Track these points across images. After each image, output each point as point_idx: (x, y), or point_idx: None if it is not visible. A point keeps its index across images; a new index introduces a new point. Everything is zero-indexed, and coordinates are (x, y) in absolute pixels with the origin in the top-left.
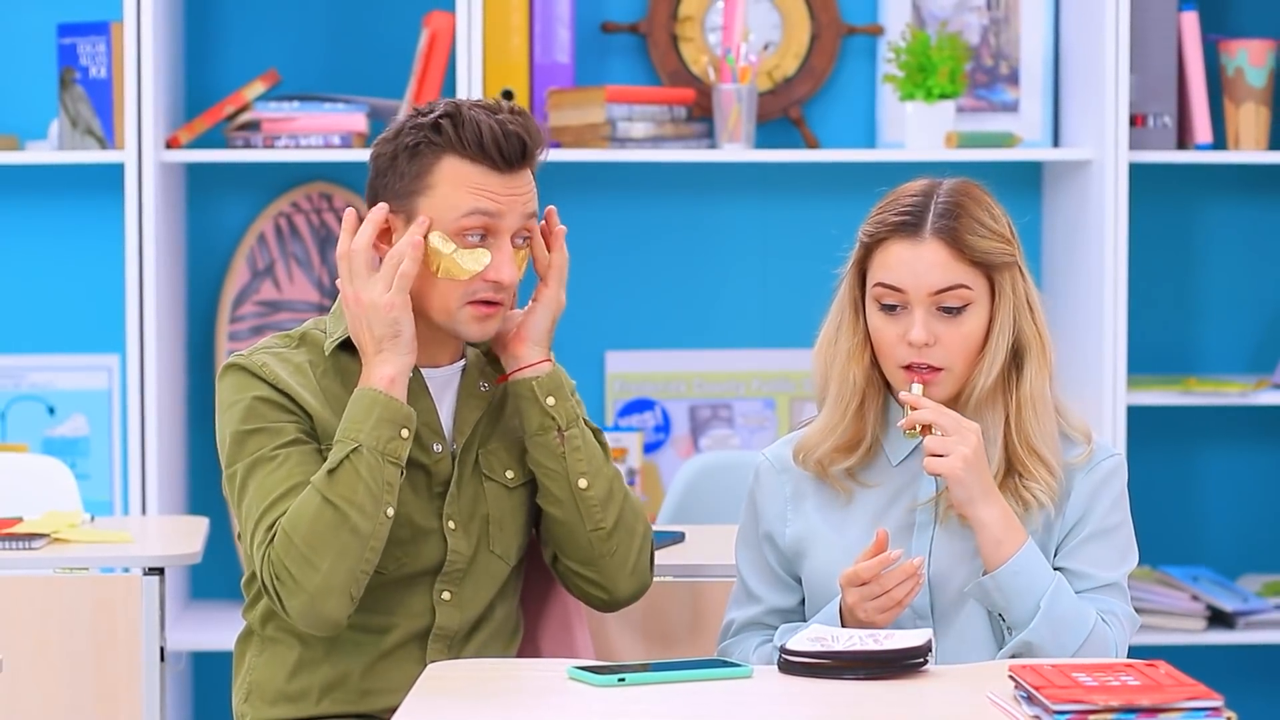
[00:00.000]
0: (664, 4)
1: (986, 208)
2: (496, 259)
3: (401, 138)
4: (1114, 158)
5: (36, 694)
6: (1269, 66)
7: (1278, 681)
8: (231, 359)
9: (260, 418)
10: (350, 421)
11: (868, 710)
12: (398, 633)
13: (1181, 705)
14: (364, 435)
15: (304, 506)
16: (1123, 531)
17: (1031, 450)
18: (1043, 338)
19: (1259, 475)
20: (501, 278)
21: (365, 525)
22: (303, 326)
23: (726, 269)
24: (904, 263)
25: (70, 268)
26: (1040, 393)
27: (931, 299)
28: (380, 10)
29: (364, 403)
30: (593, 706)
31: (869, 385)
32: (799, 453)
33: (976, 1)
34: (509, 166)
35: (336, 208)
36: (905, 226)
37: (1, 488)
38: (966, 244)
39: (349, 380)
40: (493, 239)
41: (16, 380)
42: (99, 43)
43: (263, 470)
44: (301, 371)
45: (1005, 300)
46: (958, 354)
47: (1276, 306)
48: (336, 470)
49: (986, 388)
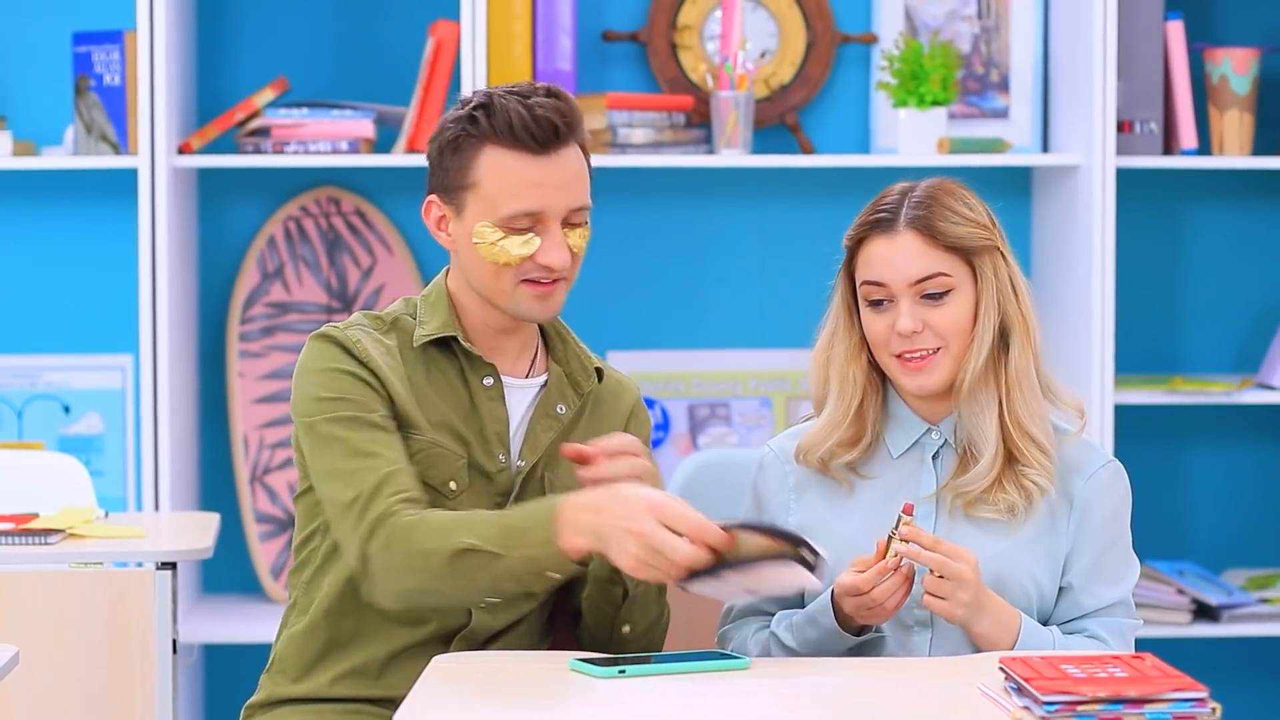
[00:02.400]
0: (663, 13)
1: (961, 198)
2: (545, 244)
3: (447, 133)
4: (1101, 163)
5: (52, 685)
6: (1252, 74)
7: (1261, 673)
8: (324, 329)
9: (345, 389)
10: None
11: (860, 701)
12: (431, 628)
13: (1167, 696)
14: (515, 555)
15: (422, 535)
16: (1121, 543)
17: (1024, 432)
18: (1026, 319)
19: (1243, 472)
20: (550, 262)
21: (456, 597)
22: (392, 309)
23: (724, 271)
24: (883, 258)
25: (85, 270)
26: (1025, 372)
27: (913, 288)
28: (387, 19)
29: (545, 532)
30: (593, 697)
31: (869, 383)
32: (800, 452)
33: (968, 10)
34: (545, 149)
35: (344, 211)
36: (881, 224)
37: (18, 484)
38: (940, 231)
39: (435, 375)
40: (541, 225)
41: (33, 380)
42: (113, 51)
43: (353, 436)
44: (392, 355)
45: (988, 284)
46: (948, 335)
47: (1260, 307)
48: (471, 554)
49: (977, 371)
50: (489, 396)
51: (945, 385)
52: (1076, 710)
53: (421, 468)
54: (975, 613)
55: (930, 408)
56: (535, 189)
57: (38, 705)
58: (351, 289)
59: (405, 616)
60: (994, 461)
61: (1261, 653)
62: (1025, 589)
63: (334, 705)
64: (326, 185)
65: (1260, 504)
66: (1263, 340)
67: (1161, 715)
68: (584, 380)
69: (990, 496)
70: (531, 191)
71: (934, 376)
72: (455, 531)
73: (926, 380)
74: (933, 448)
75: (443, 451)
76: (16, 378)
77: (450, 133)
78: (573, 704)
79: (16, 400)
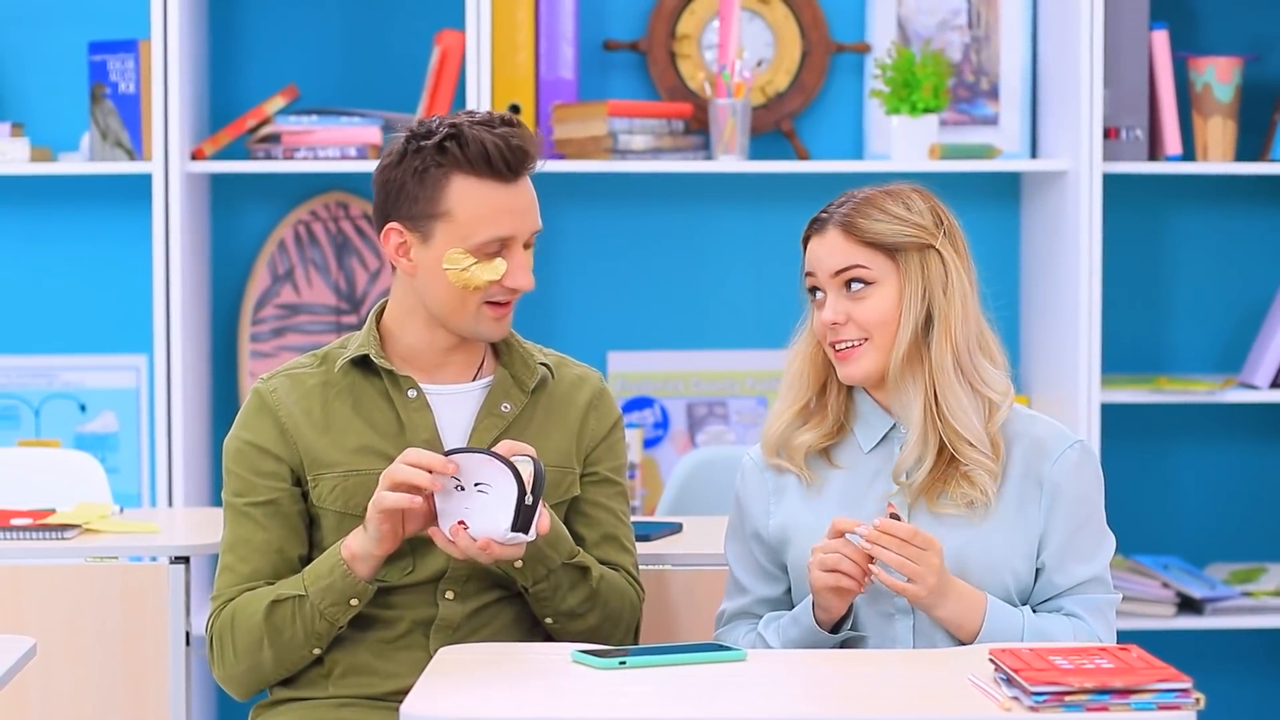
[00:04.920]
0: (663, 23)
1: (903, 199)
2: (512, 267)
3: (407, 161)
4: (1088, 168)
5: (69, 675)
6: (1235, 82)
7: (1243, 664)
8: (256, 382)
9: (245, 465)
10: (312, 570)
11: (852, 691)
12: (404, 624)
13: (1152, 687)
14: (314, 591)
15: (247, 611)
16: (1094, 521)
17: (950, 428)
18: (949, 316)
19: (1226, 469)
20: (517, 284)
21: (286, 656)
22: (330, 344)
23: (721, 274)
24: (813, 252)
25: (100, 273)
26: (942, 366)
27: (834, 280)
28: (394, 29)
29: (329, 563)
30: (596, 687)
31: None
32: (764, 445)
33: (959, 20)
34: (515, 177)
35: (353, 215)
36: (817, 222)
37: (35, 481)
38: (860, 228)
39: (361, 400)
40: (507, 250)
41: (50, 379)
42: (128, 60)
43: (231, 523)
44: (312, 395)
45: (910, 278)
46: (870, 327)
47: (1242, 309)
48: (280, 604)
49: (899, 361)
50: (414, 408)
51: (874, 375)
52: (1064, 700)
53: (342, 501)
54: (939, 598)
55: (889, 400)
56: (507, 216)
57: (54, 695)
58: (360, 291)
59: (378, 617)
60: (922, 444)
61: (1244, 644)
62: (1001, 577)
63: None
64: (335, 190)
65: (1243, 500)
66: (1245, 341)
67: (1146, 705)
68: (528, 378)
69: (948, 491)
70: (504, 219)
71: (860, 365)
72: (265, 594)
73: (852, 370)
74: (901, 440)
75: (364, 478)
76: (34, 377)
77: (418, 162)
78: (576, 694)
79: (34, 399)
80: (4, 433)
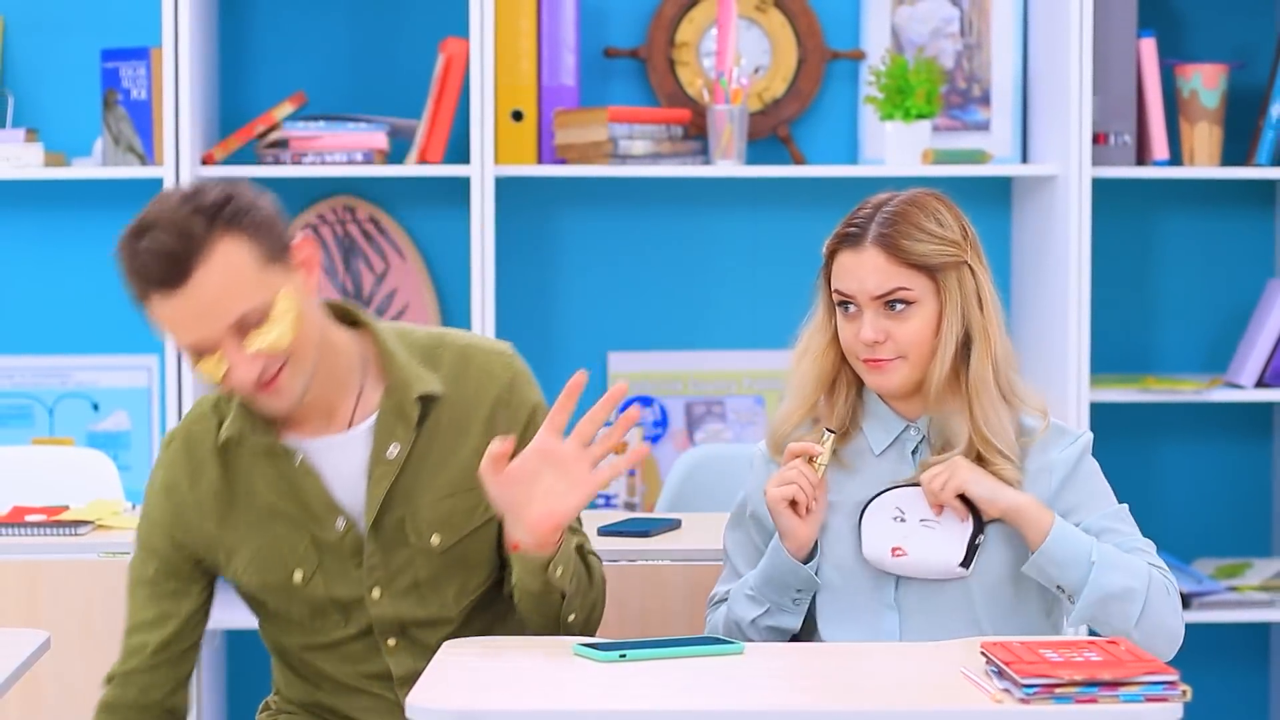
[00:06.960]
0: (662, 31)
1: (933, 213)
2: (229, 365)
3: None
4: (1078, 173)
5: (82, 668)
6: (1221, 89)
7: (1229, 658)
8: (160, 448)
9: (145, 532)
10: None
11: (848, 684)
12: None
13: (1140, 679)
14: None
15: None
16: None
17: (985, 439)
18: (989, 331)
19: (1212, 466)
20: (235, 384)
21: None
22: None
23: (719, 276)
24: (849, 271)
25: (113, 275)
26: (983, 379)
27: (875, 301)
28: (399, 36)
29: None
30: (596, 679)
31: (840, 374)
32: (771, 445)
33: (951, 29)
34: (178, 284)
35: (359, 219)
36: (850, 238)
37: (49, 479)
38: (903, 249)
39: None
40: (217, 347)
41: (63, 379)
42: (139, 67)
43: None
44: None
45: (951, 297)
46: (908, 347)
47: (1228, 310)
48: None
49: (942, 378)
50: (301, 472)
51: (907, 388)
52: (1054, 692)
53: (257, 579)
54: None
55: (905, 405)
56: (179, 327)
57: (67, 689)
58: (366, 293)
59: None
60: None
61: (1230, 638)
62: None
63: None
64: (342, 194)
65: (1228, 496)
66: (1231, 341)
67: (1134, 697)
68: (410, 409)
69: None
70: (179, 329)
71: (894, 379)
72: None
73: (885, 382)
74: (912, 443)
75: (271, 550)
76: (48, 377)
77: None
78: (577, 686)
79: (48, 399)
80: (19, 431)
